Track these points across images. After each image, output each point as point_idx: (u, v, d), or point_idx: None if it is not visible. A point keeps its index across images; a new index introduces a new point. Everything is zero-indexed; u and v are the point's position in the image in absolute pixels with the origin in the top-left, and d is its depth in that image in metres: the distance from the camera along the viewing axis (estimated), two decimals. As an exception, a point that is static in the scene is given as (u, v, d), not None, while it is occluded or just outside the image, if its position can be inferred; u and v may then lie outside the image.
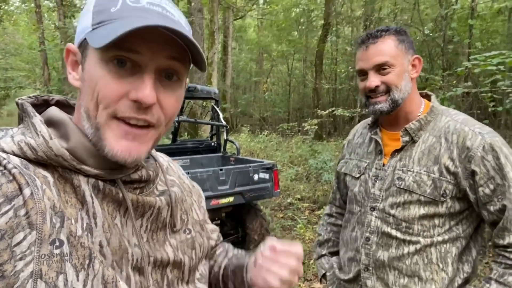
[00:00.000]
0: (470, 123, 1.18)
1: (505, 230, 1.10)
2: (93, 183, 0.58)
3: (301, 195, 6.09)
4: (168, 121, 0.61)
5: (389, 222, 1.21)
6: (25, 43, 21.38)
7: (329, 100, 15.73)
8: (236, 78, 20.27)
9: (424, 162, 1.18)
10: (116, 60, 0.55)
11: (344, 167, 1.42)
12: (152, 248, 0.64)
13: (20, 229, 0.48)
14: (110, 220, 0.58)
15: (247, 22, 20.49)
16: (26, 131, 0.57)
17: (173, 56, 0.57)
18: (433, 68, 9.96)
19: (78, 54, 0.60)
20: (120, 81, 0.55)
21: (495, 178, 1.10)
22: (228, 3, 13.39)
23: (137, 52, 0.54)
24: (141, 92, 0.54)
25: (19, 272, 0.46)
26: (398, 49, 1.19)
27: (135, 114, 0.56)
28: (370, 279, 1.24)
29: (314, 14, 16.07)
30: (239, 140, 10.20)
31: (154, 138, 0.60)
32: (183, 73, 0.60)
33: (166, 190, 0.70)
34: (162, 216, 0.67)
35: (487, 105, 6.23)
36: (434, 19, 9.98)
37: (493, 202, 1.11)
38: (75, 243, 0.52)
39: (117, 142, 0.56)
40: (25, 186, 0.50)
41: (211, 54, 9.79)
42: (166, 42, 0.55)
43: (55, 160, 0.55)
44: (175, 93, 0.60)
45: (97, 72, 0.55)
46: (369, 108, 1.23)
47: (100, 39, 0.52)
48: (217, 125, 4.85)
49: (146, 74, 0.55)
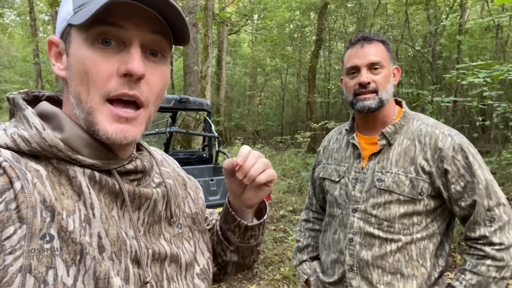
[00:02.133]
0: (440, 126, 1.26)
1: (476, 223, 1.17)
2: (89, 174, 0.57)
3: (293, 207, 6.09)
4: (155, 99, 0.61)
5: (371, 222, 1.24)
6: (19, 56, 21.41)
7: (322, 114, 15.85)
8: (230, 92, 20.39)
9: (401, 163, 1.23)
10: (100, 40, 0.55)
11: (322, 172, 1.45)
12: (149, 241, 0.63)
13: (11, 223, 0.47)
14: (107, 211, 0.58)
15: (241, 37, 20.74)
16: (18, 124, 0.57)
17: (157, 30, 0.57)
18: (423, 83, 10.12)
19: (61, 44, 0.60)
20: (107, 59, 0.55)
21: (465, 176, 1.17)
22: (222, 18, 13.57)
23: (121, 27, 0.55)
24: (130, 64, 0.55)
25: (8, 267, 0.46)
26: (387, 55, 1.28)
27: (127, 90, 0.56)
28: (355, 279, 1.26)
29: (307, 29, 16.32)
30: (232, 153, 10.21)
31: (146, 121, 0.60)
32: (167, 49, 0.61)
33: (162, 182, 0.70)
34: (158, 209, 0.66)
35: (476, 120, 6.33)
36: (424, 35, 10.20)
37: (464, 198, 1.17)
38: (66, 238, 0.51)
39: (111, 125, 0.56)
40: (16, 180, 0.49)
41: (205, 68, 9.86)
42: (149, 17, 0.56)
43: (49, 151, 0.54)
44: (160, 69, 0.60)
45: (84, 53, 0.55)
46: (357, 104, 1.27)
47: (83, 15, 0.53)
48: (209, 136, 4.86)
49: (132, 48, 0.56)
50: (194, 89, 8.71)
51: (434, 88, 7.03)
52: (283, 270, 3.80)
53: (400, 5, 11.27)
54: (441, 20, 8.61)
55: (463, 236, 1.25)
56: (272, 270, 3.84)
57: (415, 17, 11.66)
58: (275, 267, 3.91)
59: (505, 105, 4.62)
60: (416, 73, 11.00)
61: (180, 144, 10.24)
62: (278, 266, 3.94)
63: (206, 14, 9.62)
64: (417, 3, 10.42)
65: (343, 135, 1.43)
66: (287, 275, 3.66)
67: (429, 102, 6.23)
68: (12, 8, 19.66)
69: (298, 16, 15.73)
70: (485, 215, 1.15)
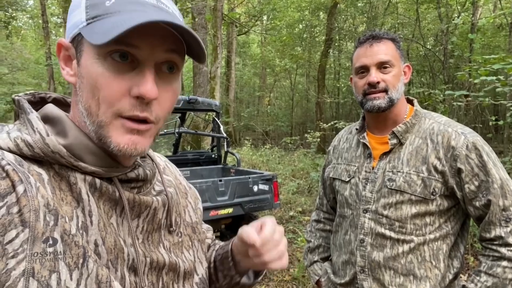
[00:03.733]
0: (453, 124, 1.23)
1: (491, 224, 1.14)
2: (90, 181, 0.57)
3: (303, 208, 6.06)
4: (165, 115, 0.60)
5: (382, 223, 1.22)
6: (32, 58, 21.74)
7: (331, 114, 15.79)
8: (239, 93, 20.44)
9: (413, 162, 1.21)
10: (116, 54, 0.54)
11: (332, 172, 1.43)
12: (147, 249, 0.63)
13: (13, 226, 0.47)
14: (105, 219, 0.57)
15: (250, 38, 20.77)
16: (22, 127, 0.57)
17: (171, 48, 0.57)
18: (435, 82, 9.99)
19: (71, 49, 0.59)
20: (120, 77, 0.54)
21: (479, 175, 1.14)
22: (231, 19, 13.60)
23: (136, 47, 0.54)
24: (143, 87, 0.54)
25: (11, 270, 0.45)
26: (397, 53, 1.26)
27: (138, 113, 0.55)
28: (367, 281, 1.24)
29: (317, 29, 16.27)
30: (241, 153, 10.22)
31: (154, 135, 0.60)
32: (180, 64, 0.60)
33: (163, 190, 0.70)
34: (158, 217, 0.66)
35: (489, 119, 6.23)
36: (435, 34, 10.07)
37: (478, 198, 1.15)
38: (69, 241, 0.51)
39: (123, 137, 0.56)
40: (19, 183, 0.49)
41: (214, 69, 9.89)
42: (164, 35, 0.55)
43: (52, 157, 0.54)
44: (172, 87, 0.60)
45: (96, 68, 0.54)
46: (366, 104, 1.25)
47: (100, 35, 0.51)
48: (217, 137, 4.86)
49: (146, 69, 0.55)
50: (204, 90, 8.74)
51: (446, 87, 6.93)
52: (293, 272, 3.78)
53: (411, 3, 11.15)
54: (452, 18, 8.49)
55: (476, 237, 1.22)
56: (281, 271, 3.82)
57: (426, 16, 11.53)
58: (284, 268, 3.89)
59: (519, 104, 4.53)
60: (427, 72, 10.88)
61: (190, 145, 10.29)
62: (287, 267, 3.92)
63: (215, 15, 9.65)
64: (428, 1, 10.30)
65: (353, 135, 1.41)
66: (297, 277, 3.64)
67: (441, 101, 6.15)
68: (25, 11, 19.98)
69: (308, 16, 15.68)
70: (500, 215, 1.12)
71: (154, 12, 0.55)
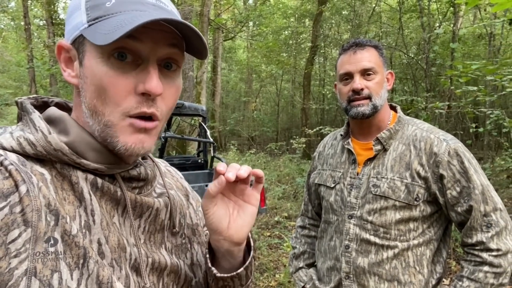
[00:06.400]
0: (435, 131, 1.25)
1: (473, 229, 1.16)
2: (91, 180, 0.57)
3: (288, 214, 6.07)
4: (168, 112, 0.61)
5: (367, 228, 1.23)
6: (13, 61, 21.29)
7: (317, 120, 15.91)
8: (225, 98, 20.43)
9: (397, 168, 1.22)
10: (116, 54, 0.54)
11: (318, 178, 1.44)
12: (149, 249, 0.63)
13: (16, 226, 0.47)
14: (108, 218, 0.58)
15: (236, 43, 20.81)
16: (25, 127, 0.57)
17: (173, 43, 0.57)
18: (417, 90, 10.19)
19: (73, 50, 0.59)
20: (124, 76, 0.55)
21: (461, 181, 1.16)
22: (217, 24, 13.62)
23: (138, 40, 0.54)
24: (148, 83, 0.54)
25: (14, 270, 0.46)
26: (380, 60, 1.28)
27: (145, 109, 0.56)
28: (352, 287, 1.25)
29: (302, 36, 16.42)
30: (226, 158, 10.19)
31: (158, 133, 0.61)
32: (181, 61, 0.61)
33: (165, 192, 0.70)
34: (160, 218, 0.66)
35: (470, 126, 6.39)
36: (418, 43, 10.30)
37: (460, 203, 1.17)
38: (69, 241, 0.51)
39: (131, 136, 0.56)
40: (21, 183, 0.49)
41: (200, 73, 9.87)
42: (165, 31, 0.56)
43: (54, 154, 0.54)
44: (175, 83, 0.61)
45: (101, 68, 0.54)
46: (351, 111, 1.27)
47: (104, 36, 0.52)
48: (204, 141, 4.84)
49: (150, 65, 0.55)
50: (189, 95, 8.70)
51: (428, 95, 7.08)
52: (278, 277, 3.77)
53: (394, 12, 11.39)
54: (434, 27, 8.70)
55: (457, 242, 1.25)
56: (267, 277, 3.81)
57: (409, 25, 11.78)
58: (270, 274, 3.88)
59: (498, 112, 4.68)
60: (410, 80, 11.09)
61: (175, 150, 10.21)
62: (273, 272, 3.91)
63: (201, 20, 9.65)
64: (411, 11, 10.53)
65: (338, 141, 1.43)
66: (282, 282, 3.64)
67: (423, 108, 6.28)
68: (6, 13, 19.57)
69: (293, 23, 15.83)
70: (481, 221, 1.14)
71: (154, 11, 0.56)
